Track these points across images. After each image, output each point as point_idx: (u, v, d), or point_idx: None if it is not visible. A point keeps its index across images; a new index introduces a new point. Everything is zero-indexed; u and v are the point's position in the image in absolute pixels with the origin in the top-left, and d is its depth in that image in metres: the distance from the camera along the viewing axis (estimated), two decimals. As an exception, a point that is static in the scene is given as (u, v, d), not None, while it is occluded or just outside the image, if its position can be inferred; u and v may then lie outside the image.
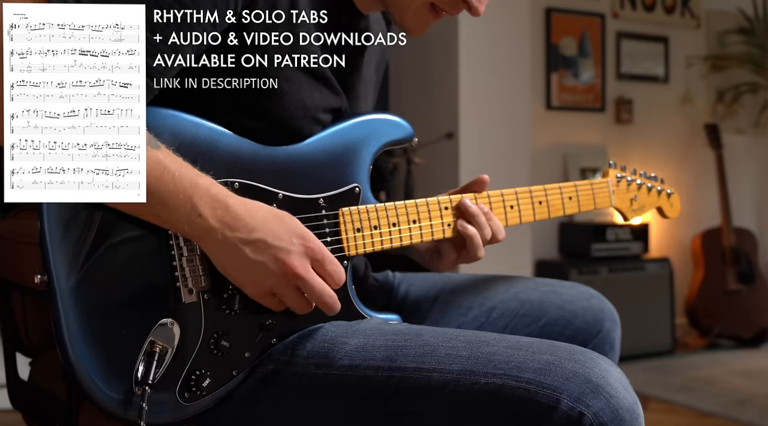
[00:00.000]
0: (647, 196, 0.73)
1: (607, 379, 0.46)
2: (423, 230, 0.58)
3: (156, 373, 0.47)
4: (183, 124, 0.49)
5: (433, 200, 0.59)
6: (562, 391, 0.45)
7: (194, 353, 0.49)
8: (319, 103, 0.54)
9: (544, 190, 0.65)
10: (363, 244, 0.55)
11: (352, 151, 0.56)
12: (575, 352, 0.48)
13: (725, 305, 2.26)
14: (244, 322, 0.51)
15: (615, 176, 0.71)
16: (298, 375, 0.51)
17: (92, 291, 0.46)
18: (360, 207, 0.56)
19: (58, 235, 0.45)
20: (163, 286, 0.48)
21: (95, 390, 0.46)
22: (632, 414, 0.46)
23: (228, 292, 0.50)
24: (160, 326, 0.47)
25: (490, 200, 0.62)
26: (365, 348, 0.50)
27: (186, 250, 0.48)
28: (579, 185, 0.68)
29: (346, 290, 0.56)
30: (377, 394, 0.49)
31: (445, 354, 0.49)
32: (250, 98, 0.51)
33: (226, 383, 0.50)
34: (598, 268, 2.04)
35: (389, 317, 0.58)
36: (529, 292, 0.68)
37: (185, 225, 0.46)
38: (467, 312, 0.68)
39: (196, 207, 0.45)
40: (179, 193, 0.45)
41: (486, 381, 0.47)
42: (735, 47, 2.47)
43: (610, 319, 0.67)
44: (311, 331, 0.53)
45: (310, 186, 0.54)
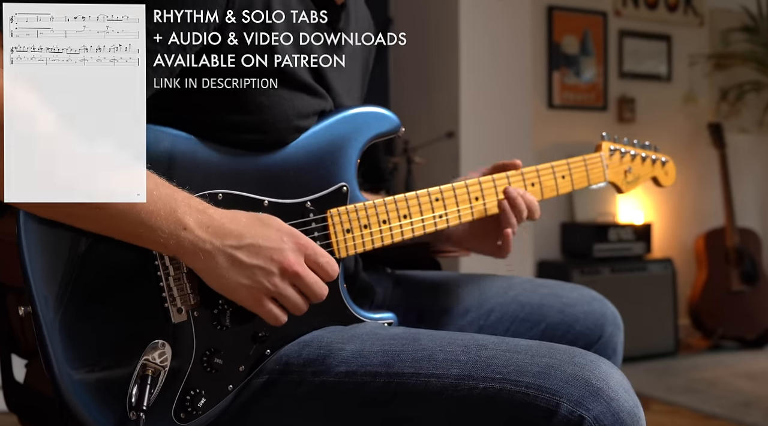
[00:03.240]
0: (641, 167, 0.71)
1: (607, 382, 0.46)
2: (414, 225, 0.57)
3: (150, 396, 0.46)
4: (158, 137, 0.47)
5: (422, 192, 0.57)
6: (561, 395, 0.45)
7: (187, 373, 0.48)
8: (301, 110, 0.53)
9: (536, 171, 0.64)
10: (354, 245, 0.54)
11: (337, 149, 0.54)
12: (575, 354, 0.47)
13: (729, 306, 2.24)
14: (236, 336, 0.50)
15: (608, 149, 0.69)
16: (294, 383, 0.50)
17: (79, 318, 0.45)
18: (348, 207, 0.54)
19: (39, 265, 0.44)
20: (152, 308, 0.47)
21: (88, 418, 0.45)
22: (633, 417, 0.45)
23: (218, 308, 0.49)
24: (150, 348, 0.46)
25: (481, 186, 0.60)
26: (362, 354, 0.50)
27: (172, 269, 0.47)
28: (571, 162, 0.66)
29: (338, 291, 0.55)
30: (375, 400, 0.49)
31: (443, 358, 0.48)
32: (227, 117, 0.49)
33: (221, 399, 0.50)
34: (600, 268, 2.03)
35: (384, 316, 0.57)
36: (529, 295, 0.67)
37: (171, 241, 0.45)
38: (465, 315, 0.67)
39: (181, 221, 0.44)
40: (160, 210, 0.44)
41: (484, 385, 0.46)
42: (738, 45, 2.45)
43: (612, 324, 0.66)
44: (306, 338, 0.52)
45: (296, 190, 0.53)
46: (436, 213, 0.58)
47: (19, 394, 0.63)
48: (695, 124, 2.47)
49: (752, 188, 2.58)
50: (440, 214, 0.58)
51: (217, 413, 0.50)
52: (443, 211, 0.58)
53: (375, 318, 0.57)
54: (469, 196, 0.60)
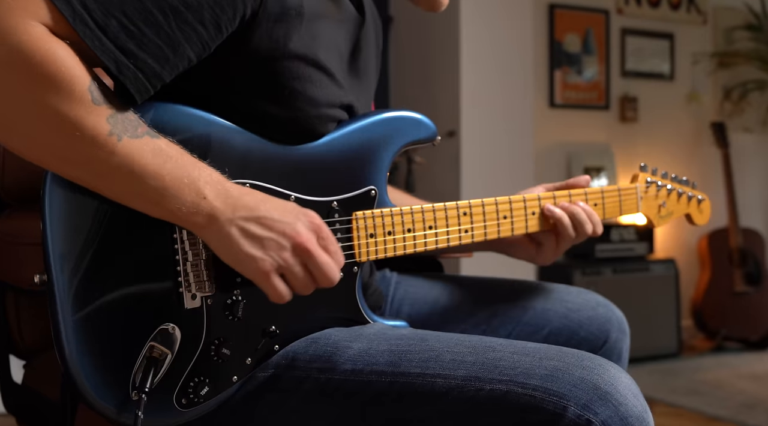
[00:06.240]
0: (677, 203, 0.70)
1: (615, 386, 0.45)
2: (439, 237, 0.56)
3: (154, 379, 0.45)
4: (194, 121, 0.47)
5: (451, 205, 0.56)
6: (569, 399, 0.44)
7: (194, 359, 0.48)
8: (329, 98, 0.52)
9: (568, 196, 0.62)
10: (375, 251, 0.53)
11: (370, 151, 0.54)
12: (583, 358, 0.47)
13: (732, 307, 2.23)
14: (246, 329, 0.50)
15: (645, 181, 0.67)
16: (299, 379, 0.50)
17: (92, 293, 0.45)
18: (375, 211, 0.54)
19: (59, 235, 0.44)
20: (166, 291, 0.47)
21: (91, 392, 0.45)
22: (642, 422, 0.45)
23: (232, 298, 0.49)
24: (161, 331, 0.46)
25: (511, 206, 0.59)
26: (369, 352, 0.49)
27: (191, 254, 0.47)
28: (606, 191, 0.64)
29: (355, 299, 0.54)
30: (380, 399, 0.48)
31: (450, 359, 0.48)
32: (258, 104, 0.49)
33: (225, 390, 0.49)
34: (603, 269, 2.01)
35: (397, 324, 0.57)
36: (533, 299, 0.66)
37: (190, 209, 0.44)
38: (468, 318, 0.66)
39: (201, 190, 0.44)
40: (183, 177, 0.44)
41: (491, 387, 0.46)
42: (742, 44, 2.44)
43: (617, 329, 0.65)
44: (314, 335, 0.52)
45: (324, 188, 0.52)
46: (462, 227, 0.57)
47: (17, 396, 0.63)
48: (698, 123, 2.46)
49: (756, 188, 2.57)
50: (466, 229, 0.57)
51: (218, 403, 0.49)
52: (469, 225, 0.57)
53: (389, 325, 0.56)
54: (497, 214, 0.59)
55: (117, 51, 0.43)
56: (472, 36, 1.83)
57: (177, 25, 0.44)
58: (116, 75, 0.43)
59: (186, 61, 0.46)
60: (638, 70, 2.35)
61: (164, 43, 0.44)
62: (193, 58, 0.46)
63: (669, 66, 2.40)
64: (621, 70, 2.33)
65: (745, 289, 2.24)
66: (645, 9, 2.36)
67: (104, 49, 0.43)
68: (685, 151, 2.43)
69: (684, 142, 2.44)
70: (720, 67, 2.43)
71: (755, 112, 2.50)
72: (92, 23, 0.42)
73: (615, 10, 2.32)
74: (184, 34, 0.45)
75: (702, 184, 2.48)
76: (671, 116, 2.41)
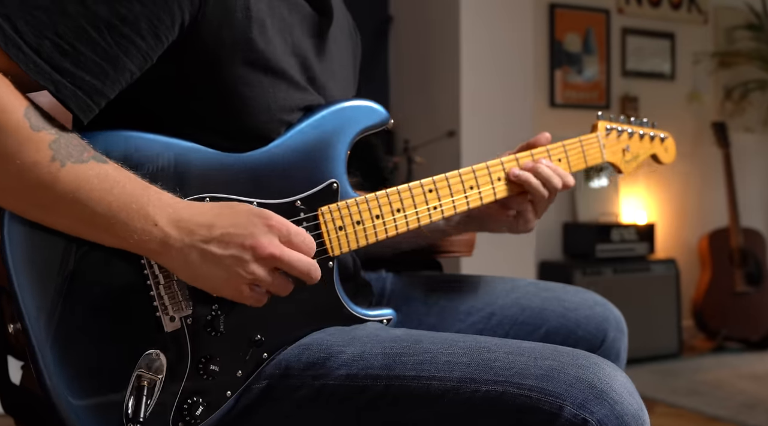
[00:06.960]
0: (640, 144, 0.69)
1: (611, 384, 0.45)
2: (409, 218, 0.55)
3: (146, 407, 0.45)
4: (146, 145, 0.47)
5: (415, 184, 0.56)
6: (565, 398, 0.44)
7: (183, 381, 0.47)
8: (284, 103, 0.51)
9: (530, 155, 0.62)
10: (348, 242, 0.53)
11: (325, 145, 0.53)
12: (578, 357, 0.47)
13: (733, 307, 2.23)
14: (231, 342, 0.49)
15: (605, 128, 0.67)
16: (293, 387, 0.50)
17: (70, 332, 0.44)
18: (340, 203, 0.53)
19: (26, 280, 0.43)
20: (144, 317, 0.46)
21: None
22: (638, 420, 0.44)
23: (211, 314, 0.48)
24: (145, 359, 0.46)
25: (475, 174, 0.59)
26: (363, 356, 0.49)
27: (162, 277, 0.46)
28: (567, 144, 0.64)
29: (335, 291, 0.54)
30: (376, 403, 0.48)
31: (444, 361, 0.47)
32: (209, 113, 0.49)
33: (220, 406, 0.49)
34: (603, 269, 2.01)
35: (383, 313, 0.56)
36: (530, 298, 0.66)
37: (142, 236, 0.43)
38: (466, 318, 0.66)
39: (151, 216, 0.43)
40: (131, 203, 0.43)
41: (487, 388, 0.45)
42: (743, 43, 2.44)
43: (615, 329, 0.65)
44: (306, 341, 0.51)
45: (285, 189, 0.51)
46: (430, 204, 0.56)
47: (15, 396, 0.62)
48: (699, 123, 2.45)
49: (757, 188, 2.56)
50: (435, 206, 0.56)
51: (216, 421, 0.49)
52: (437, 202, 0.56)
53: (373, 315, 0.56)
54: (463, 186, 0.58)
55: (53, 71, 0.42)
56: (472, 36, 1.82)
57: (113, 40, 0.43)
58: (55, 94, 0.43)
59: (128, 75, 0.45)
60: (639, 69, 2.35)
61: (102, 59, 0.43)
62: (134, 70, 0.45)
63: (670, 66, 2.40)
64: (622, 69, 2.33)
65: (745, 289, 2.23)
66: (646, 8, 2.35)
67: (39, 70, 0.42)
68: (686, 151, 2.43)
69: (685, 141, 2.43)
70: (721, 66, 2.43)
71: (756, 111, 2.49)
72: (25, 47, 0.41)
73: (615, 10, 2.31)
74: (121, 48, 0.44)
75: (703, 184, 2.48)
76: (672, 116, 2.41)
